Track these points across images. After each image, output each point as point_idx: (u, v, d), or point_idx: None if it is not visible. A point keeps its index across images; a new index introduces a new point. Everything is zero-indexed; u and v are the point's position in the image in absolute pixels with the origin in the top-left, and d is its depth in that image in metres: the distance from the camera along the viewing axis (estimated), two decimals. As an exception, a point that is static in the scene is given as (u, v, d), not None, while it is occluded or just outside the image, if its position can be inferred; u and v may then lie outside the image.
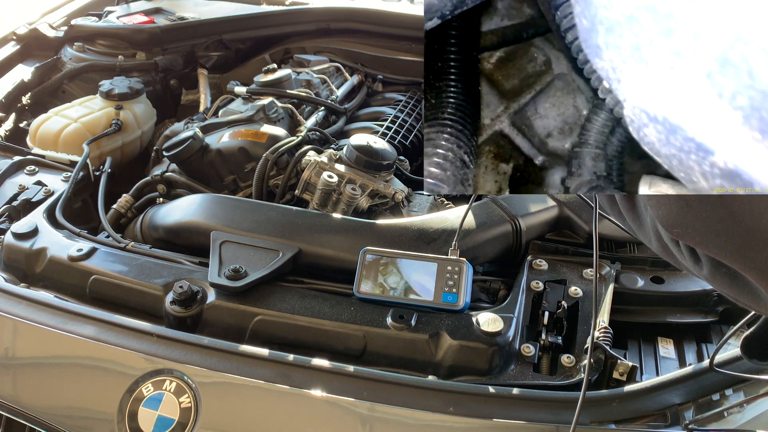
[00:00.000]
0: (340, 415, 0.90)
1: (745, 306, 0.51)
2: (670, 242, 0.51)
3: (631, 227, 0.57)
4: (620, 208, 0.57)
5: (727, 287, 0.49)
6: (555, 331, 1.04)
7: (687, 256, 0.50)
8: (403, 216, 1.33)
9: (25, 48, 1.93)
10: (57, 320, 1.01)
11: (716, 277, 0.49)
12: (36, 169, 1.42)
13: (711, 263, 0.48)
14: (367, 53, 2.01)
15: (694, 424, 0.85)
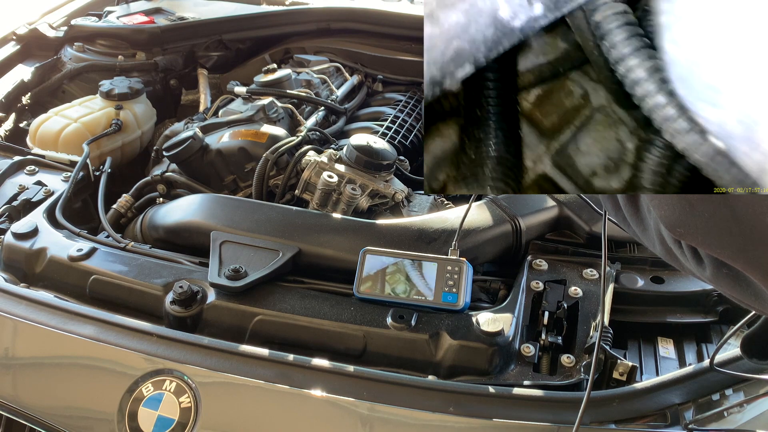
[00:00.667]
0: (340, 415, 0.90)
1: (748, 307, 0.51)
2: (673, 244, 0.51)
3: (635, 231, 0.57)
4: (624, 213, 0.57)
5: (730, 288, 0.49)
6: (555, 331, 1.04)
7: (690, 258, 0.50)
8: (403, 216, 1.33)
9: (25, 48, 1.93)
10: (57, 320, 1.01)
11: (719, 278, 0.49)
12: (36, 169, 1.41)
13: (714, 264, 0.48)
14: (367, 53, 2.00)
15: (694, 424, 0.85)
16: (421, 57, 1.38)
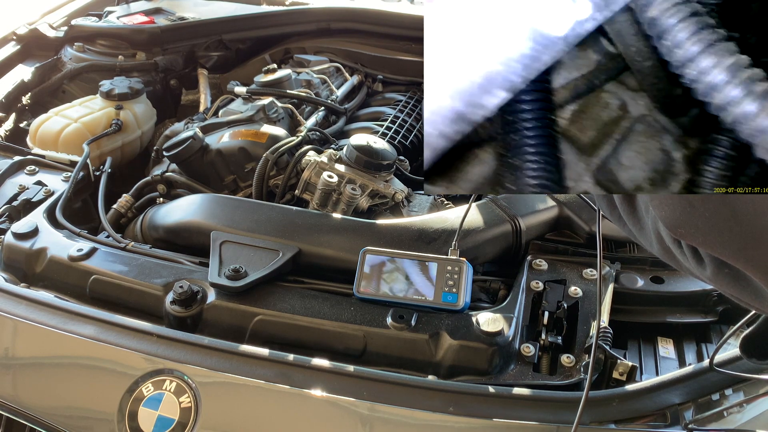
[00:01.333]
0: (340, 415, 0.90)
1: (748, 306, 0.51)
2: (672, 244, 0.51)
3: (631, 231, 0.57)
4: (620, 213, 0.56)
5: (730, 287, 0.49)
6: (555, 331, 1.04)
7: (689, 257, 0.50)
8: (403, 216, 1.33)
9: (25, 48, 1.93)
10: (57, 320, 1.01)
11: (719, 278, 0.49)
12: (36, 169, 1.42)
13: (714, 264, 0.48)
14: (367, 53, 2.01)
15: (694, 424, 0.85)
16: (421, 57, 1.38)
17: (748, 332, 0.65)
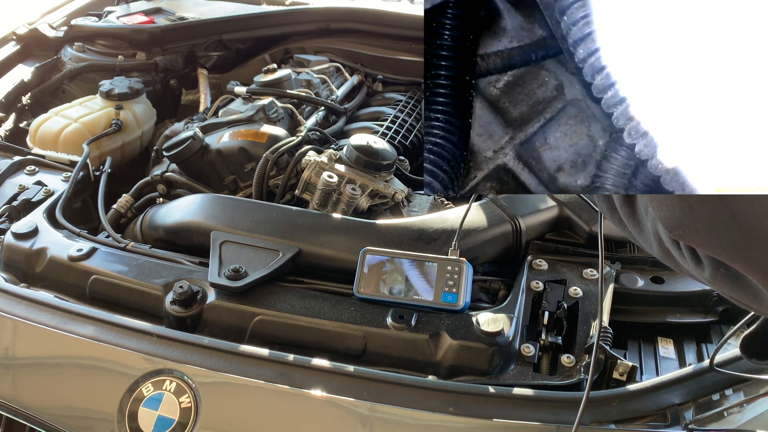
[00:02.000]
0: (340, 415, 0.90)
1: (747, 307, 0.51)
2: (671, 245, 0.51)
3: (631, 233, 0.57)
4: (620, 215, 0.56)
5: (729, 288, 0.49)
6: (555, 331, 1.04)
7: (688, 259, 0.50)
8: (403, 216, 1.33)
9: (25, 48, 1.93)
10: (57, 320, 1.01)
11: (717, 279, 0.49)
12: (36, 169, 1.42)
13: (712, 265, 0.48)
14: (367, 53, 2.01)
15: (694, 424, 0.85)
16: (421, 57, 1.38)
17: (748, 332, 0.65)
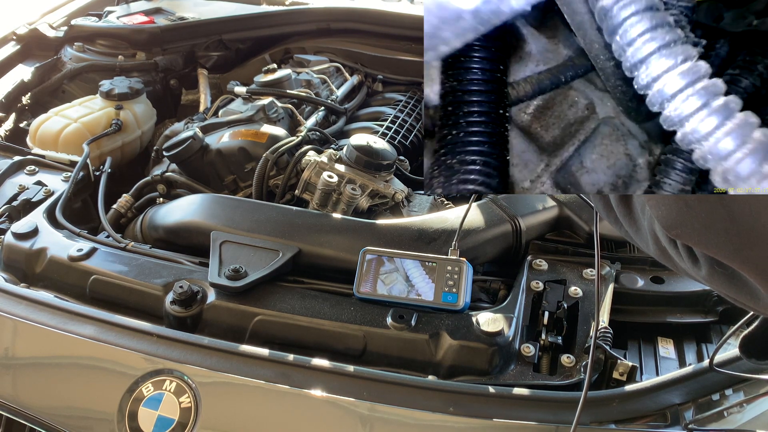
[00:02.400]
0: (340, 415, 0.90)
1: (744, 306, 0.51)
2: (668, 244, 0.51)
3: (627, 232, 0.56)
4: (617, 214, 0.56)
5: (726, 287, 0.49)
6: (555, 331, 1.04)
7: (685, 257, 0.50)
8: (403, 216, 1.33)
9: (25, 48, 1.93)
10: (57, 320, 1.01)
11: (714, 278, 0.49)
12: (36, 169, 1.41)
13: (709, 264, 0.48)
14: (367, 53, 2.01)
15: (694, 424, 0.85)
16: (421, 57, 1.38)
17: (747, 332, 0.65)
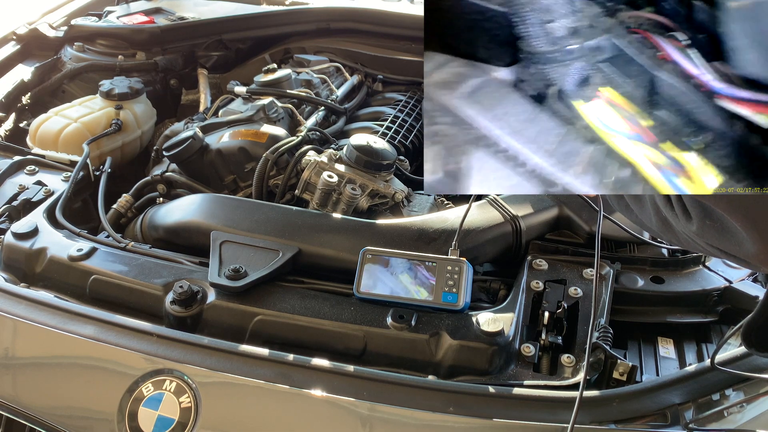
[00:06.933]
0: (340, 415, 0.90)
1: (732, 258, 0.57)
2: (666, 207, 0.57)
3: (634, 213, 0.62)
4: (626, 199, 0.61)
5: (716, 239, 0.55)
6: (555, 331, 1.04)
7: (680, 215, 0.56)
8: (403, 216, 1.33)
9: (25, 48, 1.93)
10: (57, 320, 1.01)
11: (705, 231, 0.55)
12: (36, 169, 1.42)
13: (699, 217, 0.55)
14: (367, 53, 2.01)
15: (694, 424, 0.85)
16: (421, 57, 1.38)
17: (748, 319, 0.66)
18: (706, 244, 0.57)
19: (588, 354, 0.90)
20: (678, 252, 1.18)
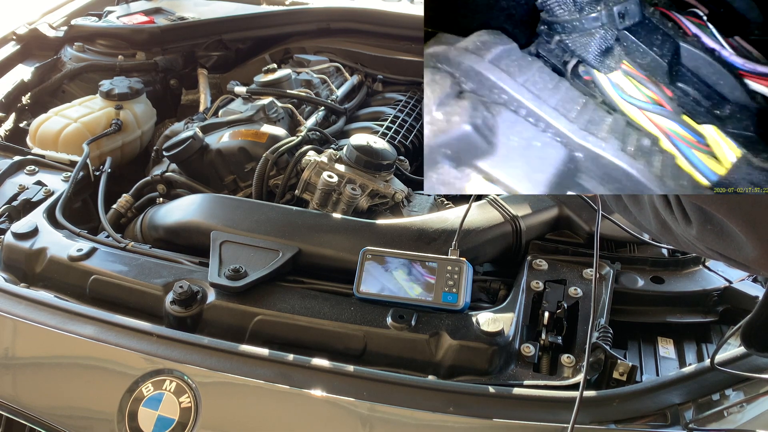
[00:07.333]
0: (340, 415, 0.90)
1: (730, 261, 0.57)
2: (665, 210, 0.57)
3: (632, 215, 0.62)
4: (624, 201, 0.61)
5: (715, 243, 0.54)
6: (555, 331, 1.04)
7: (680, 220, 0.56)
8: (403, 216, 1.33)
9: (25, 48, 1.93)
10: (57, 320, 1.01)
11: (704, 235, 0.55)
12: (36, 169, 1.42)
13: (699, 221, 0.55)
14: (367, 53, 2.01)
15: (694, 424, 0.85)
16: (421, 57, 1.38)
17: (747, 319, 0.66)
18: (705, 248, 0.57)
19: (588, 354, 0.90)
20: (678, 252, 1.18)
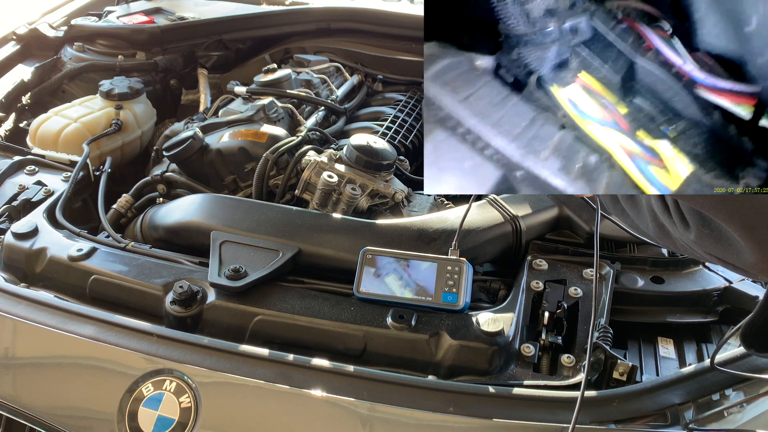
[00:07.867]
0: (340, 415, 0.90)
1: (728, 265, 0.57)
2: (663, 213, 0.57)
3: (630, 218, 0.62)
4: (622, 204, 0.61)
5: (713, 247, 0.54)
6: (555, 331, 1.04)
7: (678, 224, 0.56)
8: (403, 216, 1.33)
9: (25, 48, 1.93)
10: (57, 320, 1.01)
11: (702, 239, 0.55)
12: (36, 169, 1.42)
13: (697, 226, 0.54)
14: (367, 53, 2.01)
15: (694, 424, 0.85)
16: (421, 57, 1.38)
17: (747, 319, 0.66)
18: (704, 252, 0.57)
19: (588, 354, 0.90)
20: (678, 252, 1.19)
